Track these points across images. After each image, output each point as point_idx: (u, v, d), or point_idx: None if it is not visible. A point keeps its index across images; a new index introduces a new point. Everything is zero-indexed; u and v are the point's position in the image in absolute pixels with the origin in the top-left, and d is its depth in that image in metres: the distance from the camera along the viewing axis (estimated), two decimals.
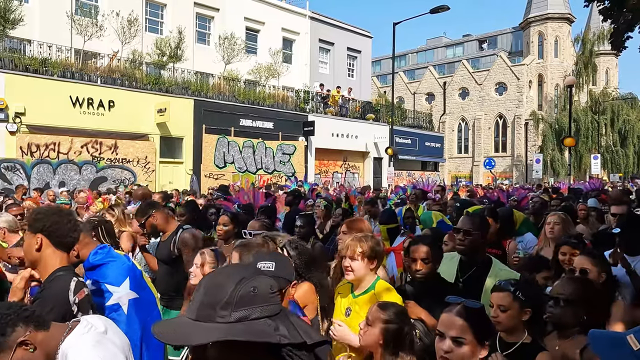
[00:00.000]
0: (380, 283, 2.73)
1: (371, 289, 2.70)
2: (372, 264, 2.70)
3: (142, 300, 2.81)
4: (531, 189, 14.88)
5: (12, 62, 14.13)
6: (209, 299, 1.10)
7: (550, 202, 7.44)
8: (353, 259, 2.68)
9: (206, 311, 1.09)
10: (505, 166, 43.13)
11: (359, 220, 3.95)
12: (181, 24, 19.40)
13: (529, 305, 2.29)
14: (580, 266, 2.94)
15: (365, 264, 2.68)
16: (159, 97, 16.55)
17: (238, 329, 1.06)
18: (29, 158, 13.86)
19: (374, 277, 2.76)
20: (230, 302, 1.09)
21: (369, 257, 2.68)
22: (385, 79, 53.44)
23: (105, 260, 2.75)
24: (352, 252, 2.70)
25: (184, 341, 1.10)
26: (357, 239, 2.75)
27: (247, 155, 19.05)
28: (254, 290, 1.12)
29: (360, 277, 2.70)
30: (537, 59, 43.53)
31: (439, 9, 18.91)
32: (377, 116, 25.14)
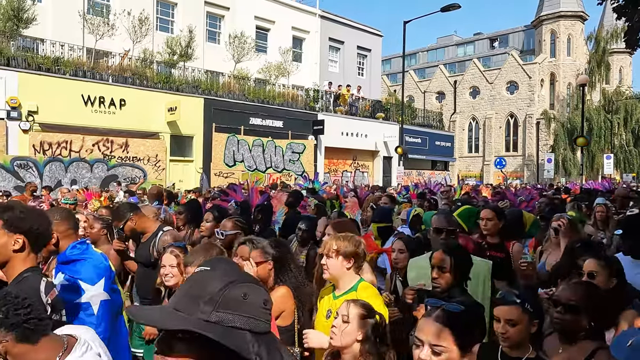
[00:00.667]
0: (363, 285, 2.67)
1: (352, 290, 2.63)
2: (348, 262, 2.64)
3: (112, 303, 2.71)
4: (543, 188, 14.71)
5: (25, 61, 14.29)
6: (194, 292, 1.04)
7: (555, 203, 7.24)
8: (328, 256, 2.65)
9: (188, 303, 1.03)
10: (516, 166, 42.78)
11: (346, 222, 3.84)
12: (192, 22, 19.48)
13: (537, 317, 2.19)
14: (589, 269, 2.84)
15: (340, 261, 2.63)
16: (170, 96, 16.65)
17: (215, 330, 0.99)
18: (42, 156, 14.02)
19: (355, 278, 2.69)
20: (214, 300, 1.02)
21: (344, 255, 2.63)
22: (395, 77, 53.24)
23: (82, 257, 2.64)
24: (327, 249, 2.67)
25: (157, 323, 1.04)
26: (335, 237, 2.73)
27: (257, 154, 19.10)
28: (245, 297, 1.04)
29: (335, 275, 2.65)
30: (549, 57, 43.09)
31: (450, 7, 18.80)
32: (387, 115, 25.05)
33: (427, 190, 10.49)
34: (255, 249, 2.97)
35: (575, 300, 2.21)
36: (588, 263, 2.89)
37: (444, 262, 2.75)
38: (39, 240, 2.13)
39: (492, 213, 4.20)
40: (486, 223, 4.13)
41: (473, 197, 9.34)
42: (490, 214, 4.17)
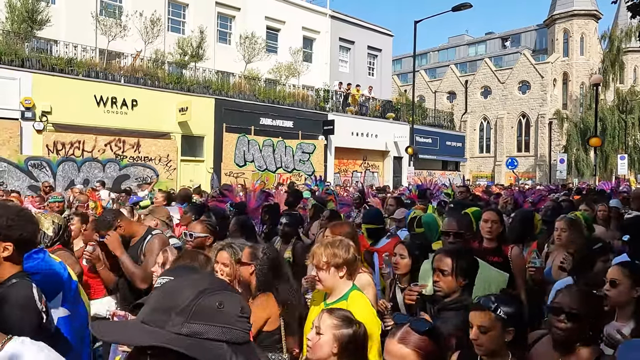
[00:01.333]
0: (354, 294, 2.57)
1: (343, 299, 2.54)
2: (341, 271, 2.54)
3: (73, 318, 2.49)
4: (556, 189, 14.53)
5: (39, 62, 14.47)
6: (164, 303, 0.97)
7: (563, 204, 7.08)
8: (319, 269, 2.55)
9: (158, 315, 0.96)
10: (528, 166, 42.39)
11: (344, 224, 3.71)
12: (203, 23, 19.59)
13: (513, 324, 2.06)
14: (611, 277, 2.67)
15: (331, 273, 2.54)
16: (181, 96, 16.75)
17: (187, 343, 0.92)
18: (55, 156, 14.19)
19: (347, 285, 2.60)
20: (186, 311, 0.95)
21: (335, 265, 2.53)
22: (406, 77, 53.05)
23: (39, 270, 2.38)
24: (317, 261, 2.56)
25: (124, 340, 0.98)
26: (323, 247, 2.60)
27: (267, 154, 19.15)
28: (220, 306, 0.96)
29: (329, 287, 2.57)
30: (562, 56, 42.63)
31: (461, 7, 18.72)
32: (398, 115, 24.98)
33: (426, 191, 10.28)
34: (246, 249, 2.96)
35: (577, 308, 2.10)
36: (612, 270, 2.75)
37: (446, 265, 2.63)
38: (27, 246, 2.11)
39: (496, 215, 4.04)
40: (491, 225, 3.97)
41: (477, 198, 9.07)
42: (495, 216, 4.01)
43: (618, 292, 2.59)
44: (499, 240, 4.01)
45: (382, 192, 11.53)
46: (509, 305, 2.10)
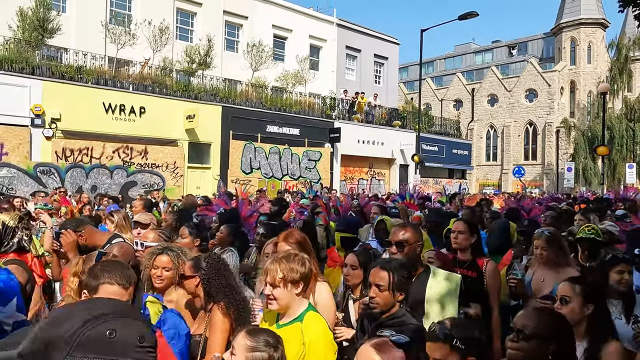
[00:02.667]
0: (310, 316, 2.35)
1: (298, 320, 2.33)
2: (297, 287, 2.34)
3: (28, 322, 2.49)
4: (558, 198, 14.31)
5: (50, 69, 14.65)
6: (46, 333, 0.85)
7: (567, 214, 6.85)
8: (274, 285, 2.32)
9: (37, 347, 0.83)
10: (535, 174, 42.18)
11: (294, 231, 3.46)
12: (210, 32, 19.77)
13: (473, 352, 1.89)
14: (562, 294, 2.54)
15: (288, 290, 2.32)
16: (188, 104, 16.88)
17: None
18: (64, 162, 14.32)
19: (302, 304, 2.40)
20: (69, 343, 0.82)
21: (291, 281, 2.32)
22: (412, 85, 53.11)
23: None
24: (272, 278, 2.33)
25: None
26: (277, 261, 2.38)
27: (274, 162, 19.21)
28: (111, 335, 0.84)
29: (284, 305, 2.35)
30: (569, 65, 42.54)
31: (468, 15, 18.77)
32: (404, 123, 25.00)
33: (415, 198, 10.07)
34: (187, 262, 2.84)
35: (530, 327, 1.95)
36: (562, 287, 2.60)
37: (382, 279, 2.46)
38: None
39: (464, 225, 3.82)
40: (457, 236, 3.77)
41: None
42: (462, 226, 3.80)
43: (570, 310, 2.44)
44: (474, 252, 3.80)
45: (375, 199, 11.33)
46: (466, 331, 1.91)
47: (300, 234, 3.39)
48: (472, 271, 3.66)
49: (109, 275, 2.07)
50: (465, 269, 3.64)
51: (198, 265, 2.79)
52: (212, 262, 2.82)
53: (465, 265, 3.70)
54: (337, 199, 11.65)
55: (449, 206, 9.57)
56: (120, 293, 2.03)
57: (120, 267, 2.15)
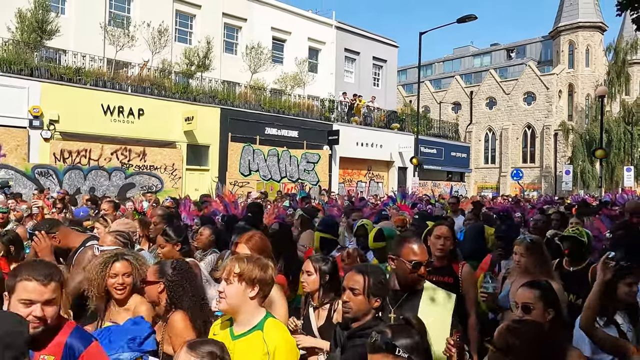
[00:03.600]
0: (271, 322, 2.18)
1: (257, 329, 2.14)
2: (252, 289, 2.16)
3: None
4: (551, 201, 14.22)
5: (48, 71, 14.64)
6: None
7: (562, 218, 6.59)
8: (228, 281, 2.16)
9: None
10: (533, 177, 42.24)
11: (257, 234, 3.21)
12: (209, 34, 19.78)
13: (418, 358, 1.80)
14: (523, 301, 2.43)
15: (242, 288, 2.14)
16: (187, 106, 16.88)
17: None
18: (62, 164, 14.30)
19: (260, 312, 2.20)
20: None
21: (247, 280, 2.14)
22: (411, 88, 53.20)
23: None
24: (227, 273, 2.18)
25: None
26: (237, 259, 2.25)
27: (272, 164, 19.21)
28: None
29: (234, 305, 2.15)
30: (567, 68, 42.65)
31: (466, 19, 18.82)
32: (402, 125, 25.03)
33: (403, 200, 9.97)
34: (152, 266, 2.73)
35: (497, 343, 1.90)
36: (523, 293, 2.46)
37: (357, 283, 2.32)
38: None
39: (449, 231, 3.67)
40: (444, 242, 3.61)
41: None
42: (448, 232, 3.65)
43: (534, 318, 2.34)
44: (450, 257, 3.65)
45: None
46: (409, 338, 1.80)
47: (263, 239, 3.15)
48: (448, 277, 3.52)
49: (27, 272, 1.95)
50: (441, 276, 3.50)
51: (163, 271, 2.65)
52: (179, 268, 2.68)
53: (441, 272, 3.54)
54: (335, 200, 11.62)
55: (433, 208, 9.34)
56: (39, 289, 1.91)
57: (41, 264, 2.05)
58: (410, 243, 2.69)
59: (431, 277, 3.40)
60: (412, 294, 2.67)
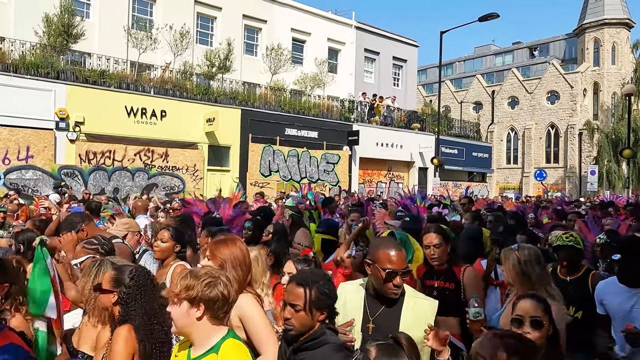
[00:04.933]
0: (228, 344, 1.97)
1: (213, 352, 1.96)
2: (196, 309, 1.95)
3: None
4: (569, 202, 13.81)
5: (74, 74, 14.95)
6: None
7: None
8: (172, 302, 2.00)
9: None
10: (557, 178, 41.44)
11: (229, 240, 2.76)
12: (230, 35, 19.95)
13: None
14: (531, 315, 2.20)
15: (185, 309, 1.95)
16: (208, 107, 17.04)
17: None
18: (87, 165, 14.59)
19: (217, 332, 2.00)
20: None
21: (189, 300, 1.95)
22: (431, 87, 52.72)
23: None
24: (167, 292, 2.03)
25: None
26: (181, 274, 2.06)
27: (292, 164, 19.26)
28: None
29: (182, 328, 1.98)
30: (592, 66, 41.72)
31: (488, 17, 18.57)
32: (423, 125, 24.83)
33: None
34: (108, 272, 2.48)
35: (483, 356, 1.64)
36: (530, 306, 2.22)
37: (297, 297, 2.10)
38: None
39: (438, 237, 3.37)
40: (433, 251, 3.37)
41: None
42: (437, 239, 3.36)
43: (544, 334, 2.15)
44: (450, 261, 3.42)
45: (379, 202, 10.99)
46: (393, 358, 1.67)
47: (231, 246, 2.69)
48: (449, 282, 3.32)
49: None
50: (442, 281, 3.33)
51: (119, 280, 2.37)
52: (137, 278, 2.38)
53: (442, 277, 3.36)
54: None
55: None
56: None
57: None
58: (387, 249, 2.43)
59: (432, 283, 3.35)
60: (392, 301, 2.44)
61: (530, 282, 2.84)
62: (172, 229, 3.68)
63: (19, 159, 13.53)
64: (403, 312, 2.42)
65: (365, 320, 2.40)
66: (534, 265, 2.89)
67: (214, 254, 2.64)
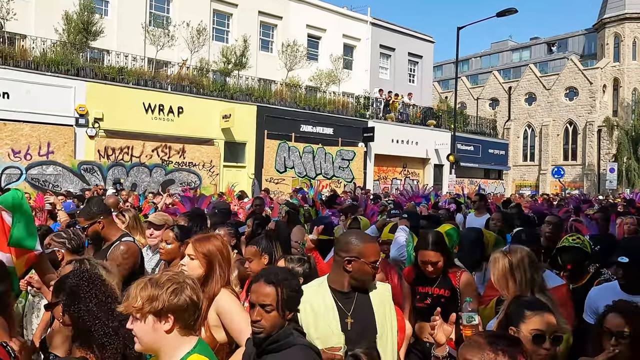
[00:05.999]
0: (193, 359, 1.75)
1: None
2: (164, 321, 1.72)
3: None
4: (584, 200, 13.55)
5: (93, 71, 15.16)
6: None
7: None
8: (133, 316, 1.74)
9: None
10: (575, 175, 40.83)
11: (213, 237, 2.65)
12: (246, 32, 20.02)
13: None
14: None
15: (151, 323, 1.71)
16: (224, 104, 17.15)
17: None
18: (105, 161, 14.81)
19: (183, 345, 1.76)
20: None
21: (154, 313, 1.71)
22: (447, 84, 52.27)
23: None
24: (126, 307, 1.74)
25: None
26: (140, 284, 1.76)
27: (307, 161, 19.30)
28: None
29: (149, 345, 1.74)
30: (612, 61, 40.94)
31: (506, 12, 18.36)
32: (439, 122, 24.66)
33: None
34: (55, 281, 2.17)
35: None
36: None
37: (268, 297, 1.95)
38: None
39: (436, 255, 3.16)
40: (432, 269, 3.18)
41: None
42: (435, 257, 3.16)
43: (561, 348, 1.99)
44: (445, 265, 3.24)
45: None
46: None
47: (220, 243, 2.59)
48: (445, 289, 3.17)
49: None
50: (437, 288, 3.17)
51: (61, 286, 2.02)
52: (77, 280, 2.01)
53: (436, 283, 3.19)
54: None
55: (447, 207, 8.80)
56: None
57: None
58: (371, 242, 2.40)
59: (426, 290, 3.21)
60: (360, 293, 2.37)
61: (522, 289, 2.56)
62: (177, 229, 3.50)
63: (40, 155, 13.79)
64: (372, 298, 2.38)
65: (343, 316, 2.29)
66: (527, 270, 2.58)
67: (198, 252, 2.50)
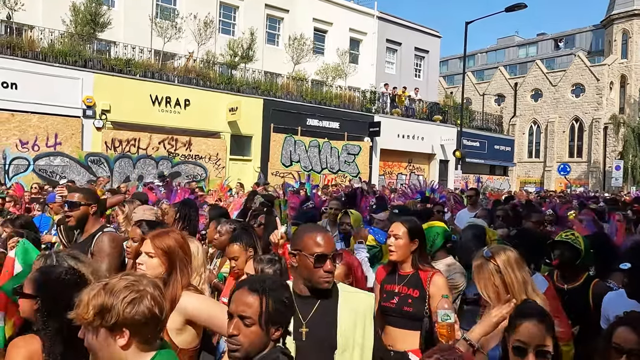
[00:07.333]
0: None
1: None
2: (119, 337, 1.50)
3: None
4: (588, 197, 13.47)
5: (100, 62, 15.17)
6: None
7: None
8: (86, 328, 1.53)
9: None
10: (580, 172, 40.69)
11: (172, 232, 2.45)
12: (252, 25, 19.95)
13: None
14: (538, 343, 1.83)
15: (103, 339, 1.50)
16: (231, 97, 17.14)
17: None
18: (112, 152, 14.84)
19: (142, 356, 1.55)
20: None
21: (106, 327, 1.49)
22: (452, 79, 52.04)
23: None
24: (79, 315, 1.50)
25: None
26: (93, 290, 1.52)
27: (313, 155, 19.29)
28: None
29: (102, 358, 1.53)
30: (620, 58, 40.66)
31: (515, 7, 18.22)
32: (445, 117, 24.58)
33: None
34: (30, 274, 2.05)
35: None
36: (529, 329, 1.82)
37: (250, 308, 1.64)
38: None
39: (402, 228, 2.86)
40: (391, 241, 2.89)
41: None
42: (400, 229, 2.86)
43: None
44: (414, 263, 2.87)
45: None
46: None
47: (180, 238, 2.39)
48: (413, 288, 2.81)
49: None
50: (405, 286, 2.83)
51: (39, 280, 1.91)
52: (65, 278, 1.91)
53: (404, 282, 2.85)
54: None
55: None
56: None
57: None
58: (312, 232, 2.12)
59: (392, 287, 2.88)
60: (325, 299, 2.10)
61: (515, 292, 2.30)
62: (146, 225, 3.26)
63: (48, 146, 13.83)
64: (340, 309, 2.10)
65: (297, 324, 2.01)
66: (515, 271, 2.33)
67: (157, 248, 2.28)
